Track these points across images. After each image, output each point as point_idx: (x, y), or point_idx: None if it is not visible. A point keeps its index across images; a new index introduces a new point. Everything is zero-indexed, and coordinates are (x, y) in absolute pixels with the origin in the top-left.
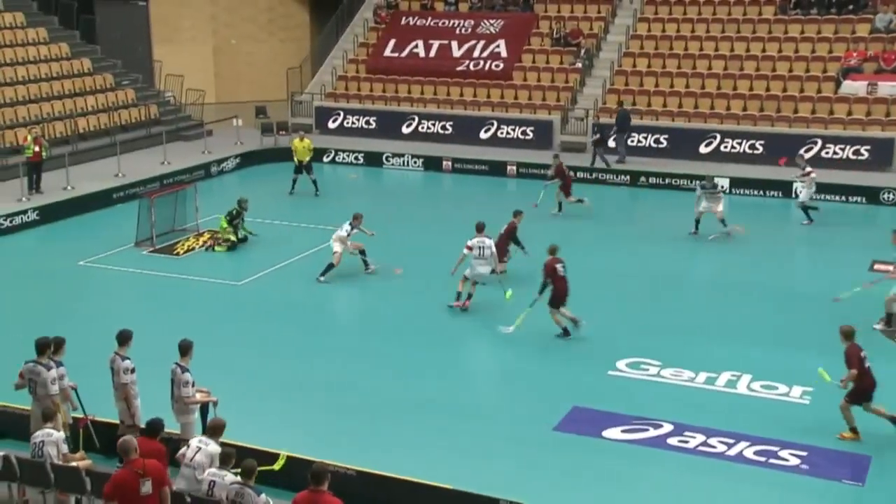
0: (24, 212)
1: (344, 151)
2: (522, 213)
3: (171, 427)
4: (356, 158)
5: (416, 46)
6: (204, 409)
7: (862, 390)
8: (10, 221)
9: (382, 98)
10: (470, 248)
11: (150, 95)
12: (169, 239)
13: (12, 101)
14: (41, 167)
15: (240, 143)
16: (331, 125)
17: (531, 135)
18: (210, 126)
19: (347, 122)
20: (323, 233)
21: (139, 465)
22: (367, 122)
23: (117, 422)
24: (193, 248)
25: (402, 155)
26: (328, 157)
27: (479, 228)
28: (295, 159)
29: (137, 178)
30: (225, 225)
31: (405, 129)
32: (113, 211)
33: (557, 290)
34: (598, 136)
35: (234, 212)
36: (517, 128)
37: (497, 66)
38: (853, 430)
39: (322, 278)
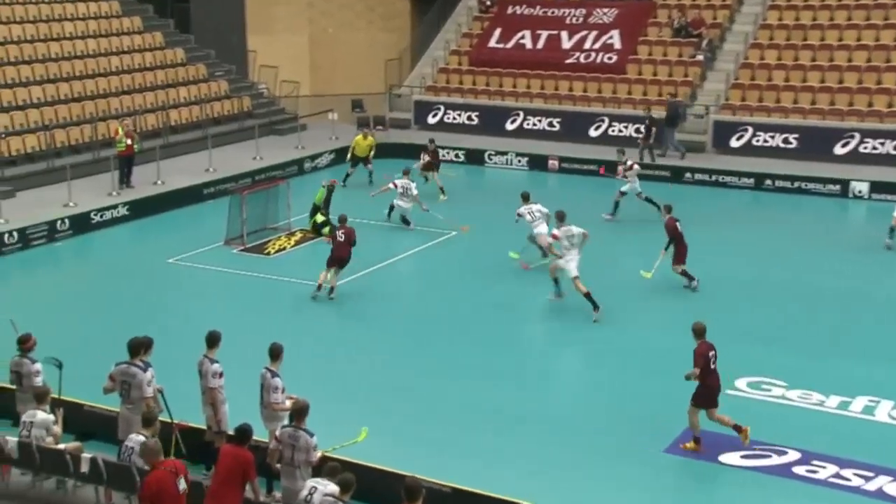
0: (115, 206)
1: (444, 148)
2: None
3: (260, 434)
4: (456, 156)
5: (523, 37)
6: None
7: (707, 393)
8: (101, 216)
9: (486, 92)
10: (556, 237)
11: (244, 87)
12: (260, 238)
13: (105, 93)
14: (132, 161)
15: (335, 139)
16: (430, 120)
17: (645, 133)
18: (304, 120)
19: (448, 118)
20: (421, 234)
21: (169, 464)
22: (469, 118)
23: (204, 427)
24: (285, 248)
25: (506, 153)
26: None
27: (561, 217)
28: (352, 154)
29: (228, 174)
30: (320, 219)
31: (509, 126)
32: (203, 207)
33: (680, 247)
34: (653, 129)
35: (324, 197)
36: (630, 125)
37: (610, 58)
38: (696, 440)
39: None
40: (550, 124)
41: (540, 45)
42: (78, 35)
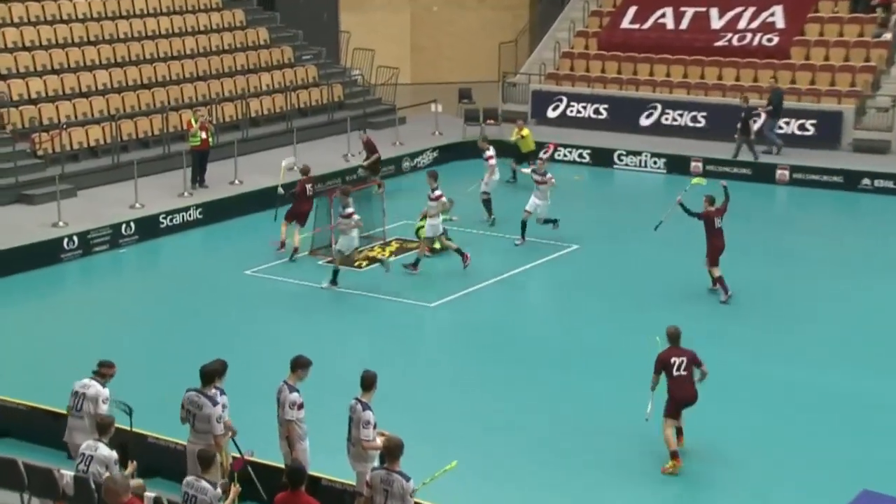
0: (187, 209)
1: (566, 147)
2: None
3: (347, 475)
4: (580, 156)
5: (664, 15)
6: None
7: (673, 402)
8: (171, 220)
9: (617, 81)
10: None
11: (335, 73)
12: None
13: (178, 79)
14: (207, 157)
15: (438, 134)
16: (550, 114)
17: (811, 129)
18: (404, 112)
19: (571, 111)
20: (537, 248)
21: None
22: (597, 111)
23: (280, 465)
24: (380, 260)
25: (640, 153)
26: (545, 152)
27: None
28: (518, 150)
29: (315, 173)
30: (423, 224)
31: (644, 121)
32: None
33: (714, 245)
34: (752, 121)
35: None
36: (794, 121)
37: (770, 40)
38: (672, 456)
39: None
40: (694, 119)
41: (684, 24)
42: (149, 12)
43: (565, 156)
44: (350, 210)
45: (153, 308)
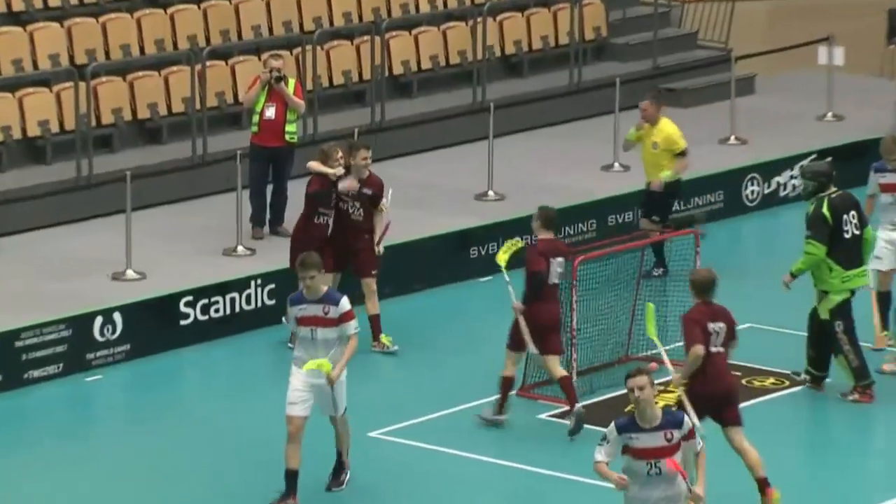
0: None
1: None
2: None
3: None
4: None
5: None
6: None
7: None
8: (206, 313)
9: None
10: None
11: None
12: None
13: None
14: (288, 164)
15: (832, 117)
16: None
17: None
18: (749, 65)
19: None
20: None
21: None
22: None
23: None
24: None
25: None
26: None
27: None
28: None
29: None
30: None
31: None
32: None
33: None
34: None
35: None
36: None
37: None
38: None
39: None
40: None
41: None
42: None
43: None
44: None
45: None
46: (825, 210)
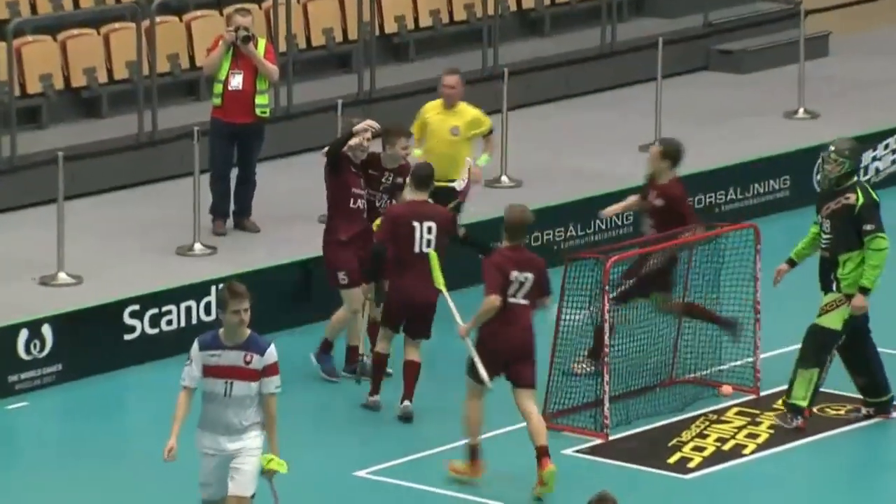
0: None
1: None
2: None
3: None
4: None
5: None
6: None
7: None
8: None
9: None
10: None
11: None
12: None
13: None
14: (256, 144)
15: None
16: None
17: None
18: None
19: None
20: None
21: None
22: None
23: None
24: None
25: None
26: None
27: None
28: None
29: None
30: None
31: None
32: None
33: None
34: None
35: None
36: None
37: None
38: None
39: None
40: None
41: None
42: None
43: None
44: None
45: None
46: (875, 196)
